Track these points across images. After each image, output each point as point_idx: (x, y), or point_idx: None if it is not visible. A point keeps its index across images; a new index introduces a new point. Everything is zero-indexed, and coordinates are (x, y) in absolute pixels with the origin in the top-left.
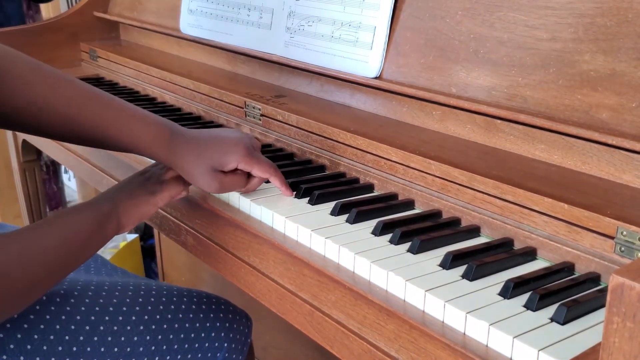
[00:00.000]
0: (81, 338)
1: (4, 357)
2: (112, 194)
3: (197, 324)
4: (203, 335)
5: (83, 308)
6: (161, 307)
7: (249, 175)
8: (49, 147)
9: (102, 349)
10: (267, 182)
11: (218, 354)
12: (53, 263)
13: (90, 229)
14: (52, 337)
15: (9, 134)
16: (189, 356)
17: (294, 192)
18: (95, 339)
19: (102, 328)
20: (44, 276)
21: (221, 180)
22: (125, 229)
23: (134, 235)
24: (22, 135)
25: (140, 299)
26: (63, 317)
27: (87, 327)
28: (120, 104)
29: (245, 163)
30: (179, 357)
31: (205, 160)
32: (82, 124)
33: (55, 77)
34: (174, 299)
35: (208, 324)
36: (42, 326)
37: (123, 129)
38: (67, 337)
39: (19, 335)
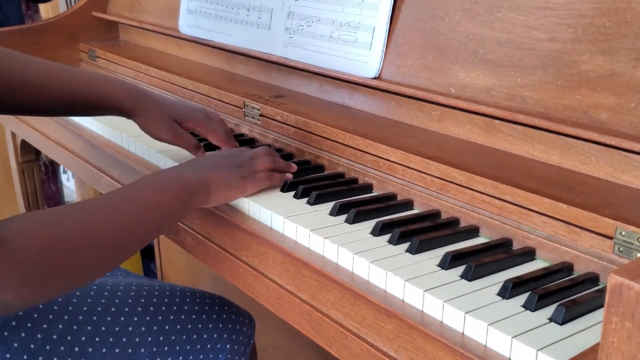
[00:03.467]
0: (83, 338)
1: (8, 355)
2: (202, 168)
3: (200, 325)
4: (205, 336)
5: (85, 308)
6: (163, 307)
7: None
8: (47, 147)
9: (104, 350)
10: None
11: (220, 355)
12: (132, 237)
13: (176, 204)
14: (54, 336)
15: (7, 133)
16: (191, 357)
17: (293, 192)
18: (97, 339)
19: (104, 328)
20: (119, 250)
21: (177, 129)
22: (211, 205)
23: None
24: (21, 135)
25: (143, 300)
26: (66, 317)
27: (89, 328)
28: (86, 72)
29: (202, 127)
30: (180, 358)
31: (168, 111)
32: (54, 92)
33: (25, 57)
34: (177, 299)
35: (211, 325)
36: (45, 325)
37: (91, 89)
38: (69, 337)
39: (22, 334)
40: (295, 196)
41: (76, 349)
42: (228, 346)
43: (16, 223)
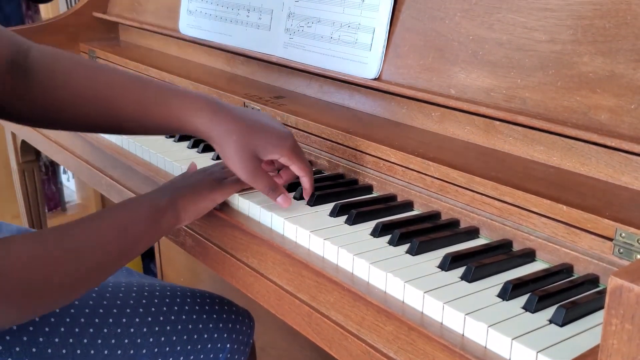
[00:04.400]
0: (85, 341)
1: (9, 359)
2: (171, 188)
3: (200, 325)
4: (206, 336)
5: (87, 310)
6: (164, 308)
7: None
8: (48, 148)
9: (106, 352)
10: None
11: (220, 355)
12: (105, 258)
13: (145, 225)
14: (56, 339)
15: (7, 134)
16: (192, 357)
17: (293, 193)
18: (99, 341)
19: (105, 330)
20: (96, 271)
21: (255, 168)
22: (183, 223)
23: None
24: (21, 136)
25: (144, 300)
26: (67, 320)
27: (91, 330)
28: (159, 83)
29: (288, 157)
30: (181, 358)
31: (249, 144)
32: (124, 107)
33: (95, 66)
34: (177, 299)
35: (211, 325)
36: (47, 329)
37: (165, 105)
38: (70, 340)
39: (24, 338)
40: (295, 197)
41: (78, 351)
42: (228, 345)
43: (0, 247)
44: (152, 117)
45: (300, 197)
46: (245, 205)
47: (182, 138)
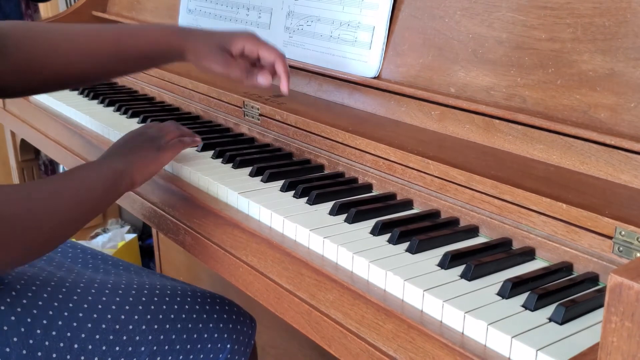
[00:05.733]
0: (83, 335)
1: (7, 349)
2: (121, 154)
3: (200, 324)
4: (206, 335)
5: (85, 305)
6: (164, 306)
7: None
8: (47, 146)
9: (104, 348)
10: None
11: (220, 355)
12: (67, 218)
13: (105, 186)
14: (54, 332)
15: (7, 132)
16: (191, 357)
17: (293, 192)
18: (97, 337)
19: (104, 326)
20: (57, 230)
21: (226, 58)
22: (137, 186)
23: (132, 235)
24: (20, 135)
25: (144, 298)
26: (66, 314)
27: (89, 325)
28: (127, 24)
29: (252, 44)
30: (181, 357)
31: (215, 39)
32: (103, 49)
33: (66, 24)
34: (178, 298)
35: (211, 325)
36: (44, 322)
37: (138, 36)
38: (68, 334)
39: (22, 329)
40: (294, 196)
41: (75, 345)
42: (229, 346)
43: None
44: (129, 50)
45: (300, 196)
46: (245, 203)
47: None
